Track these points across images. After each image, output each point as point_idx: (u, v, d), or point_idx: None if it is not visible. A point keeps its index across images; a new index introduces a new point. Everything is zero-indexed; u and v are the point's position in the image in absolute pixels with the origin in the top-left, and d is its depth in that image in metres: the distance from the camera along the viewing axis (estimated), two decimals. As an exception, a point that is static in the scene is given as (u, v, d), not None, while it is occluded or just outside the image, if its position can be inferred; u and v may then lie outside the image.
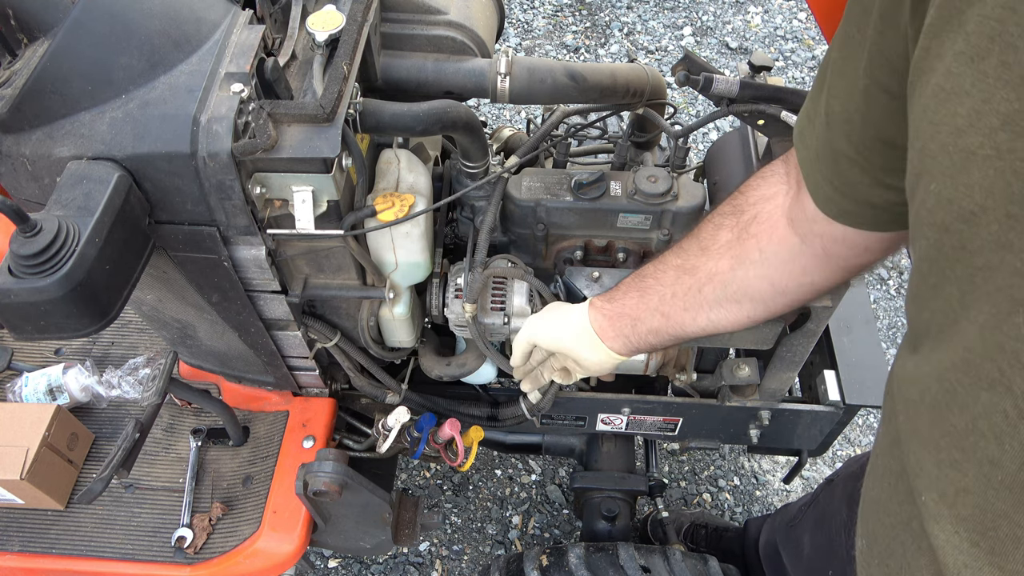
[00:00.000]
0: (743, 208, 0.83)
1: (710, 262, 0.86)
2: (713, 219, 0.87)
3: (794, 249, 0.80)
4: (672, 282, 0.90)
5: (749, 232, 0.83)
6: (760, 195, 0.82)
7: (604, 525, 1.65)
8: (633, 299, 0.95)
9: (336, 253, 1.11)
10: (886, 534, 0.65)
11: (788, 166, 0.80)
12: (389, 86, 1.18)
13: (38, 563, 1.30)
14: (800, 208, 0.77)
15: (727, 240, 0.85)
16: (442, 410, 1.49)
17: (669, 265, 0.91)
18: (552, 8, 3.47)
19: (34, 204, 0.97)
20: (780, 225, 0.80)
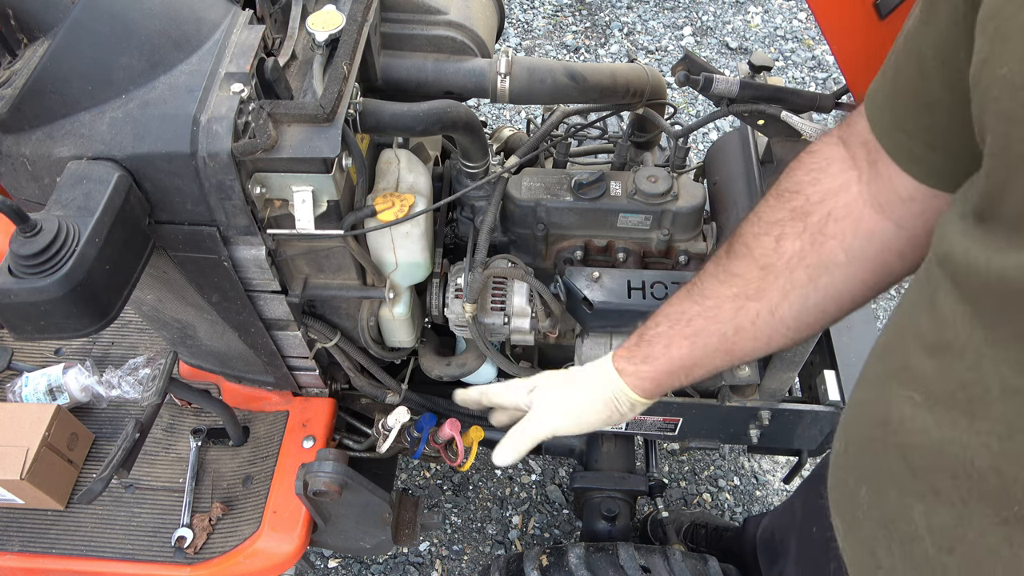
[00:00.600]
0: (808, 210, 0.73)
1: (780, 280, 0.75)
2: (767, 231, 0.75)
3: (888, 237, 0.70)
4: (732, 316, 0.78)
5: (826, 234, 0.72)
6: (825, 190, 0.72)
7: (604, 525, 1.64)
8: (683, 349, 0.81)
9: (336, 253, 1.11)
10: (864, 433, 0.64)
11: (851, 149, 0.71)
12: (389, 86, 1.18)
13: (38, 563, 1.30)
14: (890, 190, 0.68)
15: (796, 250, 0.74)
16: (442, 410, 1.49)
17: (722, 297, 0.78)
18: (552, 8, 3.47)
19: (34, 204, 0.97)
20: (866, 216, 0.70)
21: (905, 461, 0.58)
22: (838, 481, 0.72)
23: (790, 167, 0.76)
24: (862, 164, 0.70)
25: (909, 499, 0.58)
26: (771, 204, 0.75)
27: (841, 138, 0.72)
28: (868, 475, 0.64)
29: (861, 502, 0.65)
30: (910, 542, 0.59)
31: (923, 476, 0.56)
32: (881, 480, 0.62)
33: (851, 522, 0.68)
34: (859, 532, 0.67)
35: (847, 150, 0.72)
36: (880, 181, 0.69)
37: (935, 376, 0.55)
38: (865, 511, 0.64)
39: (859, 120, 0.70)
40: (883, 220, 0.70)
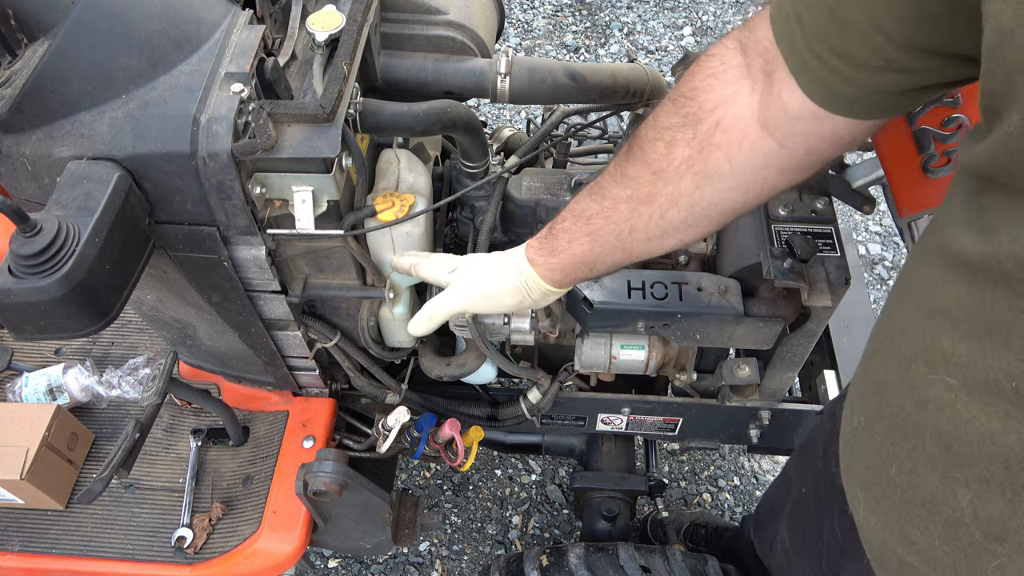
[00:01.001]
0: (699, 117, 0.72)
1: (669, 186, 0.77)
2: (660, 136, 0.76)
3: (770, 154, 0.71)
4: (627, 217, 0.81)
5: (712, 143, 0.72)
6: (717, 97, 0.71)
7: (604, 525, 1.64)
8: (584, 245, 0.86)
9: (336, 253, 1.11)
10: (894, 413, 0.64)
11: (748, 57, 0.70)
12: (389, 86, 1.18)
13: (38, 563, 1.30)
14: (778, 106, 0.68)
15: (685, 157, 0.74)
16: (442, 410, 1.49)
17: (618, 198, 0.81)
18: (552, 8, 3.47)
19: (34, 204, 0.97)
20: (751, 130, 0.71)
21: (947, 448, 0.58)
22: (859, 455, 0.72)
23: (689, 70, 0.75)
24: (756, 74, 0.70)
25: (953, 485, 0.58)
26: (667, 108, 0.76)
27: (740, 43, 0.71)
28: (900, 455, 0.64)
29: (892, 480, 0.65)
30: (953, 527, 0.59)
31: (970, 465, 0.56)
32: (917, 462, 0.62)
33: (877, 498, 0.69)
34: (888, 508, 0.67)
35: (744, 57, 0.71)
36: (770, 93, 0.69)
37: (974, 362, 0.54)
38: (898, 491, 0.65)
39: (761, 26, 0.69)
40: (767, 137, 0.70)
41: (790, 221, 1.13)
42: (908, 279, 0.68)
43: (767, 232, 1.11)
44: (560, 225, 0.89)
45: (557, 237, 0.89)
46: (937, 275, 0.60)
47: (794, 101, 0.67)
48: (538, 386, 1.40)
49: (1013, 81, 0.47)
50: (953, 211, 0.60)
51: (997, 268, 0.51)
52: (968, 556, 0.58)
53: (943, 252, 0.59)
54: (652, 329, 1.18)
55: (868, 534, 0.73)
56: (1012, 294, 0.51)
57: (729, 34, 0.74)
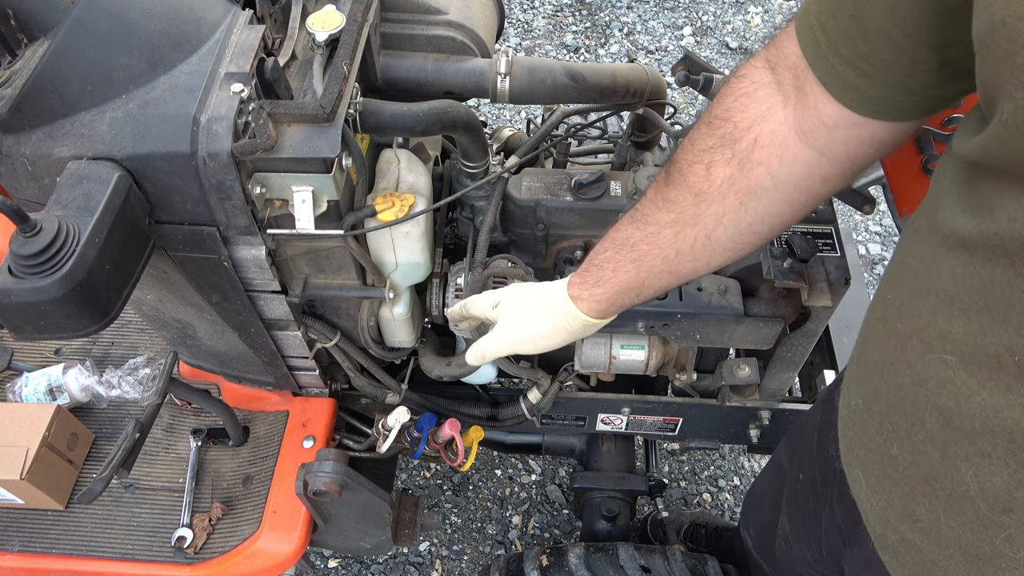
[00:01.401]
0: (736, 136, 0.74)
1: (713, 206, 0.78)
2: (699, 158, 0.77)
3: (811, 163, 0.72)
4: (672, 241, 0.82)
5: (753, 160, 0.74)
6: (752, 116, 0.73)
7: (604, 525, 1.65)
8: (630, 272, 0.86)
9: (336, 253, 1.11)
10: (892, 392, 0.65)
11: (777, 74, 0.72)
12: (389, 86, 1.18)
13: (38, 563, 1.30)
14: (814, 116, 0.69)
15: (726, 177, 0.76)
16: (442, 410, 1.49)
17: (662, 223, 0.82)
18: (552, 8, 3.47)
19: (34, 204, 0.97)
20: (790, 143, 0.72)
21: (947, 423, 0.58)
22: (858, 436, 0.73)
23: (720, 92, 0.76)
24: (788, 89, 0.71)
25: (955, 460, 0.59)
26: (702, 131, 0.77)
27: (768, 61, 0.73)
28: (900, 433, 0.65)
29: (894, 459, 0.66)
30: (957, 501, 0.60)
31: (971, 439, 0.57)
32: (917, 440, 0.62)
33: (879, 477, 0.70)
34: (890, 487, 0.68)
35: (773, 74, 0.72)
36: (806, 107, 0.70)
37: (972, 338, 0.55)
38: (900, 468, 0.66)
39: (787, 43, 0.70)
40: (806, 148, 0.71)
41: (790, 221, 1.13)
42: (900, 260, 0.68)
43: (767, 232, 1.11)
44: (602, 256, 0.88)
45: (601, 268, 0.88)
46: (930, 255, 0.60)
47: (830, 110, 0.68)
48: (538, 386, 1.40)
49: (1002, 71, 0.47)
50: (944, 192, 0.60)
51: (999, 247, 0.52)
52: (974, 529, 0.59)
53: (936, 232, 0.60)
54: (652, 329, 1.18)
55: (870, 515, 0.74)
56: (1012, 272, 0.51)
57: (756, 55, 0.75)
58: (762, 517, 1.32)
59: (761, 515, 1.33)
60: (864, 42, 0.62)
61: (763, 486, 1.37)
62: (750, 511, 1.41)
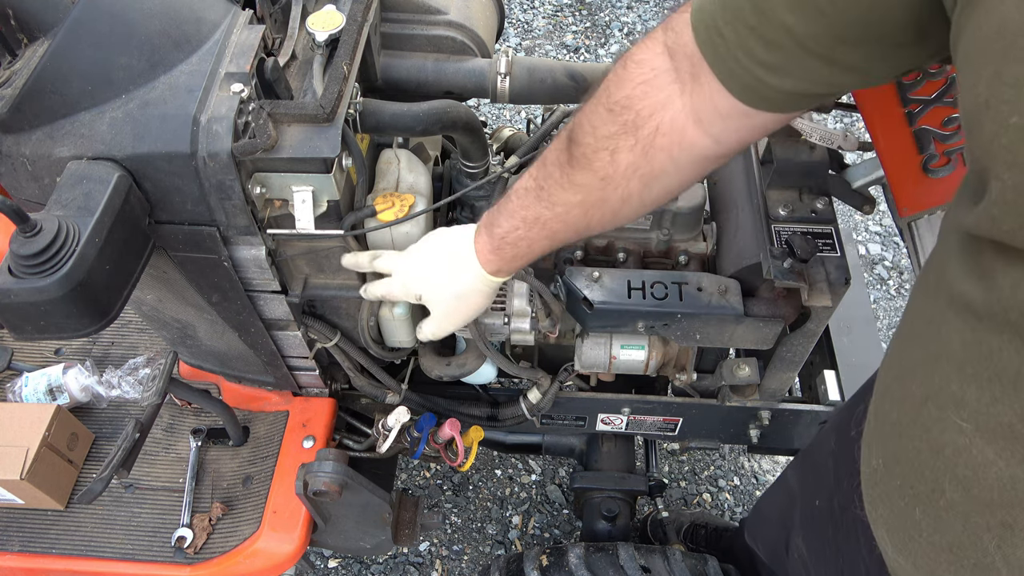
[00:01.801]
0: (637, 124, 0.76)
1: (619, 190, 0.81)
2: (603, 145, 0.79)
3: (707, 148, 0.76)
4: (582, 217, 0.87)
5: (655, 147, 0.76)
6: (653, 104, 0.75)
7: (604, 525, 1.64)
8: (545, 243, 0.92)
9: (336, 253, 1.11)
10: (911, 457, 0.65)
11: (676, 60, 0.73)
12: (389, 86, 1.18)
13: (38, 563, 1.30)
14: (710, 107, 0.72)
15: (630, 163, 0.78)
16: (442, 410, 1.49)
17: (570, 204, 0.85)
18: (552, 8, 3.47)
19: (34, 204, 0.97)
20: (688, 130, 0.74)
21: (967, 493, 0.58)
22: (881, 497, 0.72)
23: (619, 76, 0.77)
24: (685, 77, 0.73)
25: (976, 530, 0.58)
26: (603, 117, 0.78)
27: (667, 47, 0.74)
28: (922, 499, 0.64)
29: (918, 523, 0.66)
30: (983, 571, 0.59)
31: (991, 510, 0.56)
32: (938, 507, 0.62)
33: (904, 540, 0.69)
34: (916, 552, 0.67)
35: (672, 61, 0.74)
36: (701, 96, 0.72)
37: (985, 407, 0.54)
38: (924, 535, 0.65)
39: (684, 30, 0.71)
40: (703, 135, 0.75)
41: (790, 221, 1.13)
42: (912, 317, 0.68)
43: (767, 232, 1.11)
44: (515, 234, 0.93)
45: (516, 245, 0.94)
46: (940, 316, 0.60)
47: (724, 103, 0.70)
48: (538, 386, 1.40)
49: (990, 151, 0.48)
50: (950, 252, 0.60)
51: (1002, 316, 0.51)
52: None
53: (945, 291, 0.59)
54: (652, 329, 1.18)
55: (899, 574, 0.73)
56: (1020, 341, 0.51)
57: (652, 36, 0.76)
58: (771, 534, 1.33)
59: (769, 532, 1.34)
60: (763, 51, 0.64)
61: (771, 504, 1.37)
62: (757, 526, 1.42)
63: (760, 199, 1.15)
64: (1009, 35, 0.44)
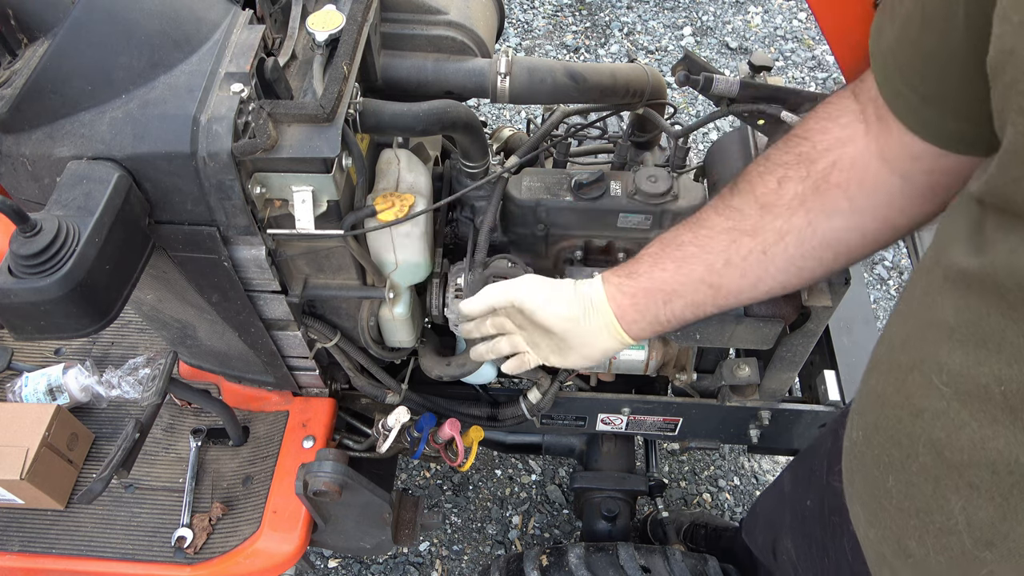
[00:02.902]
0: (813, 157, 0.73)
1: (778, 220, 0.75)
2: (771, 171, 0.75)
3: (893, 191, 0.71)
4: (724, 248, 0.78)
5: (830, 182, 0.72)
6: (832, 139, 0.72)
7: (604, 525, 1.65)
8: (667, 271, 0.81)
9: (336, 253, 1.11)
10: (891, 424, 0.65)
11: (861, 103, 0.71)
12: (389, 86, 1.18)
13: (38, 563, 1.30)
14: (899, 146, 0.68)
15: (797, 193, 0.74)
16: (442, 410, 1.49)
17: (717, 228, 0.78)
18: (552, 8, 3.47)
19: (34, 204, 0.97)
20: (871, 168, 0.71)
21: (939, 455, 0.58)
22: (858, 468, 0.72)
23: (806, 116, 0.75)
24: (871, 119, 0.70)
25: (945, 492, 0.58)
26: (779, 147, 0.75)
27: (854, 92, 0.72)
28: (896, 466, 0.64)
29: (889, 491, 0.65)
30: (946, 535, 0.59)
31: (960, 471, 0.56)
32: (911, 472, 0.62)
33: (875, 510, 0.69)
34: (886, 520, 0.67)
35: (858, 103, 0.72)
36: (889, 136, 0.69)
37: (967, 370, 0.55)
38: (894, 501, 0.65)
39: (869, 76, 0.70)
40: (890, 174, 0.70)
41: (790, 221, 1.13)
42: (908, 295, 0.68)
43: (767, 232, 1.11)
44: (646, 251, 0.84)
45: (640, 260, 0.84)
46: (935, 288, 0.60)
47: (914, 142, 0.67)
48: (538, 386, 1.40)
49: (1008, 98, 0.48)
50: (954, 231, 0.60)
51: (992, 278, 0.52)
52: (960, 565, 0.59)
53: (941, 267, 0.60)
54: (652, 329, 1.18)
55: (867, 548, 0.73)
56: (1004, 303, 0.51)
57: (844, 86, 0.74)
58: (762, 535, 1.31)
59: (761, 532, 1.33)
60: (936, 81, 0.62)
61: (764, 505, 1.37)
62: (753, 526, 1.42)
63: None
64: None
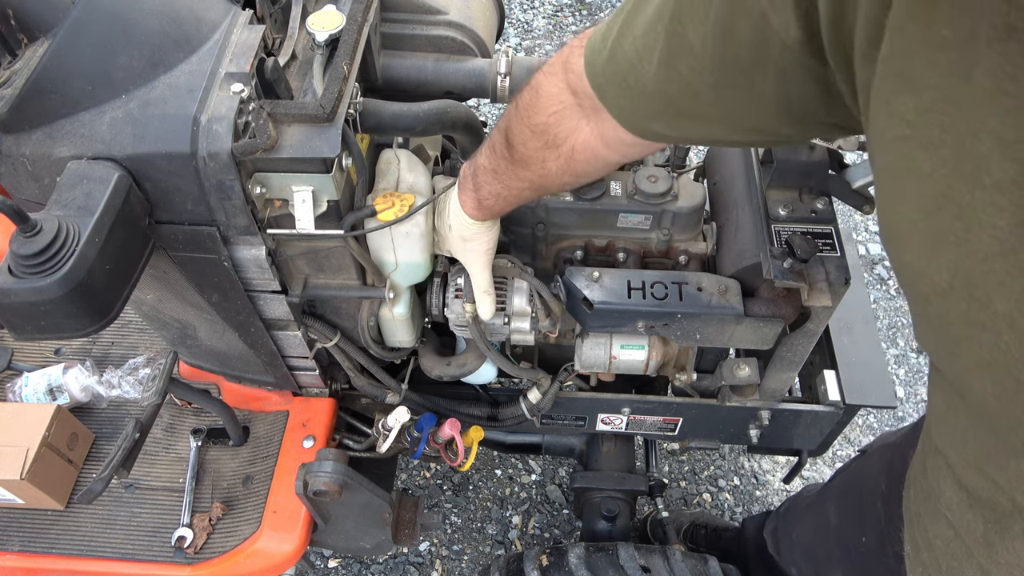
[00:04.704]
0: (557, 143, 0.91)
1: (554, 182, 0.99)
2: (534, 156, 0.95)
3: (612, 161, 0.93)
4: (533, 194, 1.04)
5: (575, 159, 0.93)
6: (565, 130, 0.90)
7: (604, 525, 1.65)
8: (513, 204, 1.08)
9: (336, 253, 1.11)
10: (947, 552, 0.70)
11: (578, 97, 0.85)
12: (389, 86, 1.18)
13: (38, 563, 1.30)
14: (612, 134, 0.85)
15: (559, 167, 0.95)
16: (442, 410, 1.49)
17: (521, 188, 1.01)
18: (552, 8, 3.47)
19: (34, 204, 0.97)
20: (598, 149, 0.89)
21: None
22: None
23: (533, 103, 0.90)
24: (588, 111, 0.86)
25: None
26: (528, 135, 0.93)
27: (569, 84, 0.86)
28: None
29: None
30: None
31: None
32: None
33: None
34: None
35: (575, 97, 0.86)
36: (606, 126, 0.85)
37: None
38: None
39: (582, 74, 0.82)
40: (612, 153, 0.90)
41: (790, 221, 1.13)
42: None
43: (767, 232, 1.11)
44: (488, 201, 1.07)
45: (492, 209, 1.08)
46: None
47: (624, 134, 0.83)
48: (538, 386, 1.40)
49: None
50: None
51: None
52: None
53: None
54: (652, 329, 1.18)
55: None
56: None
57: (554, 69, 0.87)
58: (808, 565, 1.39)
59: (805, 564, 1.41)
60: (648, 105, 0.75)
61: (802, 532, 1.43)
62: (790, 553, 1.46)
63: (760, 199, 1.16)
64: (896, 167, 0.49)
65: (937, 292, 0.47)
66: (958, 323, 0.46)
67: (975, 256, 0.43)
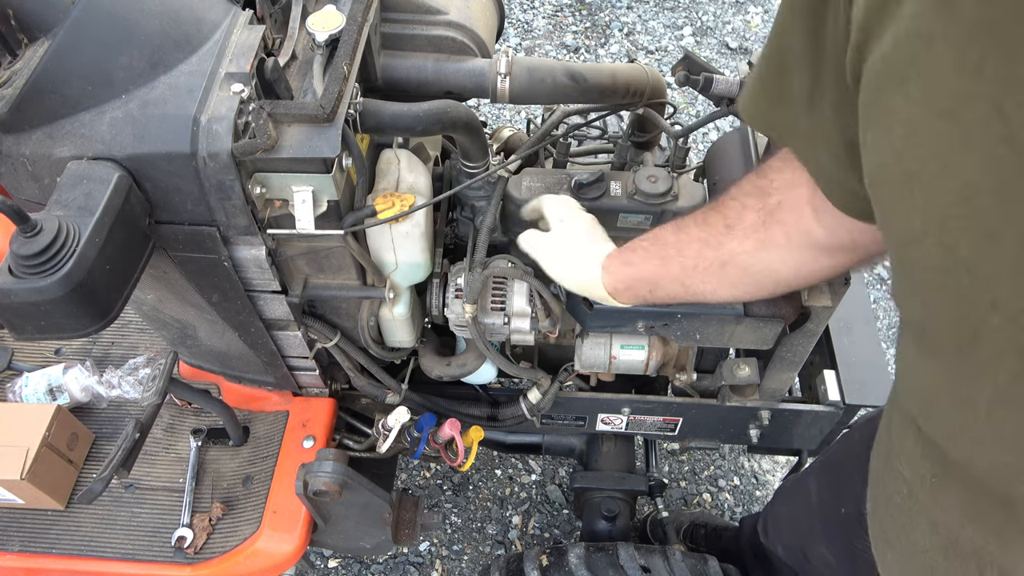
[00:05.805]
0: (768, 192, 0.81)
1: (734, 241, 0.86)
2: (738, 198, 0.85)
3: (820, 239, 0.78)
4: (695, 255, 0.90)
5: (775, 218, 0.81)
6: (784, 181, 0.80)
7: (604, 525, 1.65)
8: (653, 266, 0.95)
9: (336, 253, 1.11)
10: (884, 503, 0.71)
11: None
12: (389, 86, 1.18)
13: (38, 563, 1.30)
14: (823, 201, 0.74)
15: (753, 222, 0.84)
16: (442, 410, 1.49)
17: (692, 237, 0.90)
18: (552, 8, 3.47)
19: (34, 204, 0.97)
20: (806, 215, 0.78)
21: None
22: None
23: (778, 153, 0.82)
24: None
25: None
26: (749, 177, 0.85)
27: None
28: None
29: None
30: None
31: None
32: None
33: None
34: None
35: None
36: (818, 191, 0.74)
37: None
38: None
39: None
40: (817, 225, 0.78)
41: (790, 221, 1.13)
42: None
43: (767, 232, 1.11)
44: (641, 243, 0.98)
45: (634, 251, 0.98)
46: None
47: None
48: (538, 386, 1.40)
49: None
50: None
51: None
52: None
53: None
54: (652, 329, 1.18)
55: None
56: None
57: None
58: (791, 541, 1.37)
59: (789, 538, 1.38)
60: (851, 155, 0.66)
61: (785, 512, 1.42)
62: (775, 533, 1.45)
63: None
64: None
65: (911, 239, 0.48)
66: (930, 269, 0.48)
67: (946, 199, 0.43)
